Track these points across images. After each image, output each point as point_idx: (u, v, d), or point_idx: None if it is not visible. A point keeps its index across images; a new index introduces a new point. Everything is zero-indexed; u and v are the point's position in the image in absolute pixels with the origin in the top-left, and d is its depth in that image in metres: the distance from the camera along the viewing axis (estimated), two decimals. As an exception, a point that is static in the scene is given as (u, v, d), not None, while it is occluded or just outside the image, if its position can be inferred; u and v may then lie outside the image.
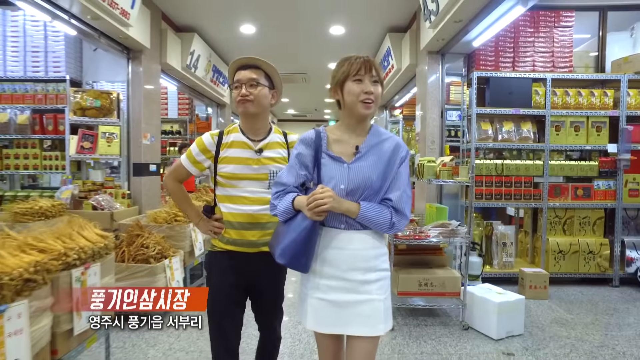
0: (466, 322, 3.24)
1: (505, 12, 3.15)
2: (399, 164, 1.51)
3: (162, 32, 5.07)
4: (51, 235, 2.01)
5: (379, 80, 1.49)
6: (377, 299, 1.47)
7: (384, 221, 1.44)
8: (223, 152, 1.75)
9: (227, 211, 1.75)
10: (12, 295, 1.56)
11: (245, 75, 1.71)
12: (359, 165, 1.48)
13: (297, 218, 1.46)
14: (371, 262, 1.48)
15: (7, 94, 4.43)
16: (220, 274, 1.77)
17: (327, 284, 1.48)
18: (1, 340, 1.49)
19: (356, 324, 1.46)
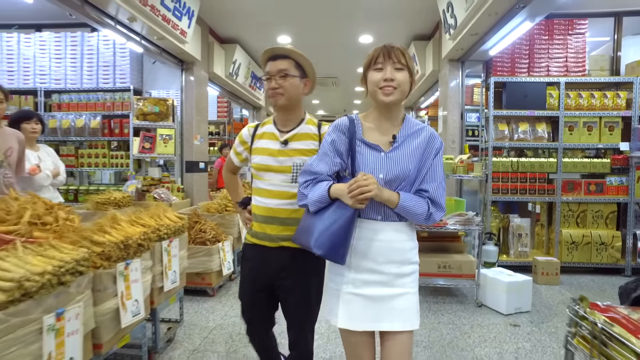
0: (480, 300, 3.68)
1: (515, 26, 3.56)
2: (434, 154, 1.46)
3: (209, 45, 5.72)
4: (147, 215, 2.63)
5: (404, 66, 1.41)
6: (411, 292, 1.45)
7: (422, 212, 1.40)
8: (255, 143, 1.76)
9: (255, 203, 1.76)
10: (132, 254, 2.17)
11: (274, 66, 1.65)
12: (396, 155, 1.43)
13: (332, 207, 1.40)
14: (406, 255, 1.45)
15: (82, 102, 5.18)
16: (246, 267, 1.80)
17: (361, 278, 1.43)
18: (128, 284, 2.10)
19: (392, 319, 1.41)
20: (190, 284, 3.69)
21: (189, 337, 3.00)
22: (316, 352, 2.74)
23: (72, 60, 5.16)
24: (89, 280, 1.81)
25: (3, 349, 1.34)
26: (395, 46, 1.44)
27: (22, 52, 5.15)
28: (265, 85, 1.70)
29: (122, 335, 2.13)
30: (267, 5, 4.96)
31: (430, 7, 4.75)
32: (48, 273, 1.52)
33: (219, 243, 3.96)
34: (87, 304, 1.79)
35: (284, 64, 1.66)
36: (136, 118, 5.07)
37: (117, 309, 2.03)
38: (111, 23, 3.68)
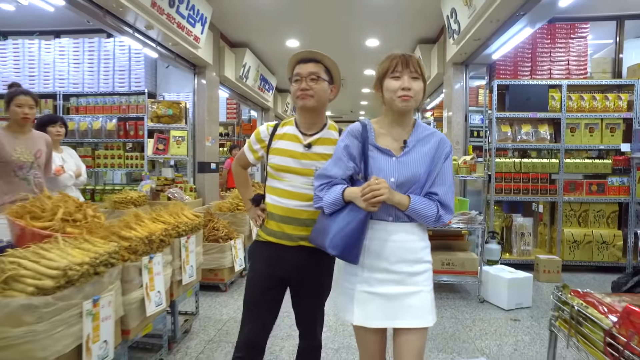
0: (482, 296, 3.82)
1: (516, 32, 3.69)
2: (444, 158, 1.51)
3: (220, 49, 5.91)
4: (166, 213, 2.81)
5: (419, 76, 1.47)
6: (425, 290, 1.48)
7: (431, 214, 1.45)
8: (274, 143, 1.76)
9: (271, 202, 1.76)
10: (155, 249, 2.35)
11: (306, 69, 1.67)
12: (407, 159, 1.49)
13: (346, 209, 1.46)
14: (418, 254, 1.49)
15: (99, 105, 5.40)
16: (259, 263, 1.78)
17: (375, 277, 1.48)
18: (152, 277, 2.28)
19: (406, 316, 1.45)
20: (204, 280, 3.87)
21: (204, 329, 3.17)
22: (325, 343, 2.89)
23: (90, 65, 5.37)
24: (118, 272, 1.99)
25: (52, 328, 1.52)
26: (413, 56, 1.49)
27: (43, 58, 5.37)
28: (293, 86, 1.71)
29: (146, 323, 2.31)
30: (276, 10, 5.13)
31: (435, 12, 4.89)
32: (86, 264, 1.70)
33: (231, 241, 4.14)
34: (117, 293, 1.97)
35: (315, 67, 1.68)
36: (150, 120, 5.26)
37: (143, 299, 2.21)
38: (129, 31, 3.87)
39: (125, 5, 3.35)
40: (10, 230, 2.21)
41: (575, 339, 1.20)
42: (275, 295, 1.76)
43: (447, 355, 2.75)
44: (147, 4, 3.53)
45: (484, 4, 3.39)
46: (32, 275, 1.53)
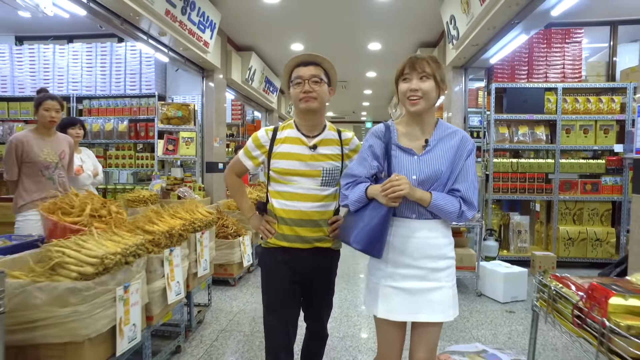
0: (479, 290, 4.00)
1: (512, 38, 3.87)
2: (466, 156, 1.54)
3: (228, 53, 6.10)
4: (182, 209, 3.01)
5: (429, 75, 1.49)
6: (447, 285, 1.53)
7: (454, 210, 1.48)
8: (277, 148, 1.75)
9: (280, 207, 1.74)
10: (174, 242, 2.54)
11: (307, 72, 1.69)
12: (429, 157, 1.52)
13: (370, 206, 1.52)
14: (441, 250, 1.53)
15: (111, 107, 5.60)
16: (276, 270, 1.78)
17: (399, 272, 1.53)
18: (172, 268, 2.47)
19: (428, 311, 1.51)
20: (215, 275, 4.06)
21: (217, 319, 3.37)
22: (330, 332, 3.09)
23: (102, 68, 5.58)
24: (144, 262, 2.19)
25: (92, 309, 1.72)
26: (421, 57, 1.53)
27: (57, 62, 5.58)
28: (295, 89, 1.71)
29: (167, 311, 2.51)
30: (281, 15, 5.32)
31: (435, 17, 5.07)
32: (118, 253, 1.89)
33: (239, 237, 4.33)
34: (143, 282, 2.16)
35: (316, 70, 1.70)
36: (160, 122, 5.45)
37: (164, 288, 2.40)
38: (143, 37, 4.07)
39: (141, 13, 3.55)
40: (43, 224, 2.41)
41: (552, 315, 1.39)
42: (296, 299, 1.82)
43: (445, 342, 2.94)
44: (161, 12, 3.73)
45: (481, 13, 3.57)
46: (75, 263, 1.73)
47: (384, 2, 4.85)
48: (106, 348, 1.87)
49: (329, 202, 1.77)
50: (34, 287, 1.65)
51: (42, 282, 1.68)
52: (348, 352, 2.80)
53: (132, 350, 2.06)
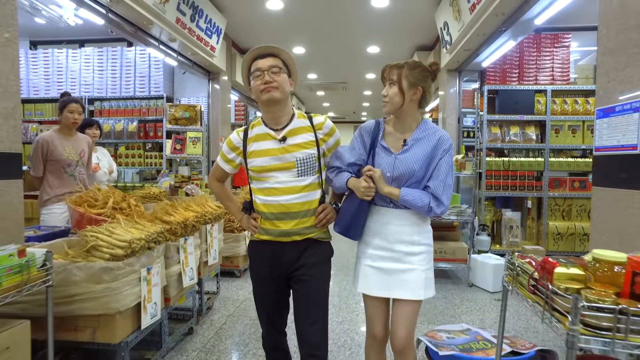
0: (470, 281, 4.25)
1: (501, 44, 4.12)
2: (441, 155, 1.66)
3: (232, 56, 6.37)
4: (194, 203, 3.27)
5: (394, 81, 1.66)
6: (419, 268, 1.69)
7: (422, 205, 1.62)
8: (249, 147, 1.76)
9: (261, 203, 1.75)
10: (188, 232, 2.80)
11: (265, 63, 1.67)
12: (404, 157, 1.67)
13: (350, 197, 1.75)
14: (414, 237, 1.70)
15: (121, 109, 5.86)
16: (259, 263, 1.81)
17: (377, 253, 1.73)
18: (187, 255, 2.73)
19: (399, 289, 1.68)
20: (221, 266, 4.32)
21: (224, 306, 3.63)
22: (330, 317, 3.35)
23: (113, 72, 5.84)
24: (163, 248, 2.45)
25: (122, 286, 1.97)
26: (391, 64, 1.70)
27: (70, 66, 5.84)
28: (255, 82, 1.68)
29: (182, 294, 2.77)
30: (283, 20, 5.57)
31: (431, 23, 5.32)
32: (143, 239, 2.15)
33: (244, 231, 4.59)
34: (162, 266, 2.42)
35: (274, 60, 1.69)
36: (169, 122, 5.71)
37: (180, 273, 2.66)
38: (155, 43, 4.33)
39: (154, 21, 3.81)
40: (71, 215, 2.68)
41: (516, 288, 1.64)
42: (280, 291, 1.81)
43: (435, 325, 3.19)
44: (172, 20, 3.99)
45: (471, 21, 3.83)
46: (107, 246, 1.99)
47: (382, 9, 5.11)
48: (133, 322, 2.13)
49: (311, 192, 1.74)
50: (73, 266, 1.91)
51: (80, 262, 1.94)
52: (346, 334, 3.06)
53: (153, 326, 2.32)
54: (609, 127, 1.90)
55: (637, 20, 1.76)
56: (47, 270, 1.71)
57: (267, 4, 4.95)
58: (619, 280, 1.29)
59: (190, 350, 2.75)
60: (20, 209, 2.29)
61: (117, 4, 3.30)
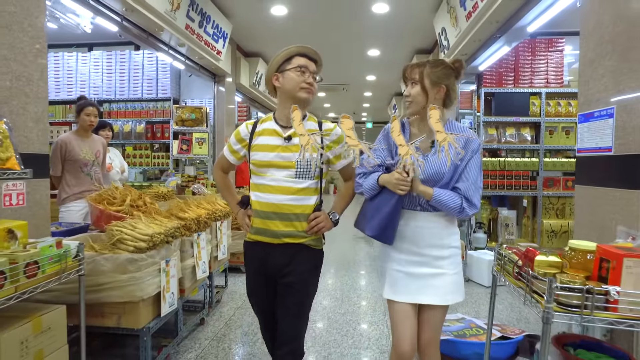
0: (467, 276, 4.44)
1: (496, 49, 4.30)
2: (470, 156, 1.62)
3: (237, 60, 6.55)
4: (204, 201, 3.45)
5: (416, 81, 1.62)
6: (448, 273, 1.64)
7: (455, 206, 1.57)
8: (255, 140, 1.76)
9: (255, 199, 1.73)
10: (201, 228, 2.99)
11: (312, 66, 1.74)
12: (434, 158, 1.61)
13: (381, 195, 1.63)
14: (444, 240, 1.64)
15: (129, 110, 6.05)
16: (250, 263, 1.82)
17: (405, 258, 1.66)
18: (199, 250, 2.92)
19: (428, 294, 1.62)
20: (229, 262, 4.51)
21: (232, 299, 3.81)
22: (333, 309, 3.55)
23: (121, 74, 6.03)
24: (179, 243, 2.63)
25: (144, 277, 2.16)
26: (412, 64, 1.65)
27: (79, 69, 6.03)
28: (298, 76, 1.69)
29: (195, 286, 2.95)
30: (286, 24, 5.75)
31: (429, 27, 5.50)
32: (162, 234, 2.34)
33: (250, 229, 4.77)
34: (178, 259, 2.61)
35: (317, 68, 1.77)
36: (175, 124, 5.90)
37: (194, 266, 2.85)
38: (164, 48, 4.51)
39: (165, 28, 3.99)
40: (91, 212, 2.86)
41: (504, 276, 1.83)
42: (271, 289, 1.78)
43: (433, 317, 3.38)
44: (182, 26, 4.17)
45: (467, 27, 4.01)
46: (131, 239, 2.18)
47: (382, 14, 5.29)
48: (154, 309, 2.32)
49: (306, 196, 1.70)
50: (101, 258, 2.10)
51: (107, 254, 2.12)
52: (349, 324, 3.24)
53: (171, 314, 2.51)
54: (589, 131, 2.08)
55: (610, 36, 1.95)
56: (80, 261, 1.90)
57: (272, 9, 5.14)
58: (590, 266, 1.48)
59: (202, 339, 2.94)
60: (47, 206, 2.49)
61: (132, 12, 3.48)
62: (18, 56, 2.21)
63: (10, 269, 1.49)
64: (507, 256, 1.82)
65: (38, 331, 1.69)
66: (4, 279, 1.47)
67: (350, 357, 2.69)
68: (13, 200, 2.21)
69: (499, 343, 2.24)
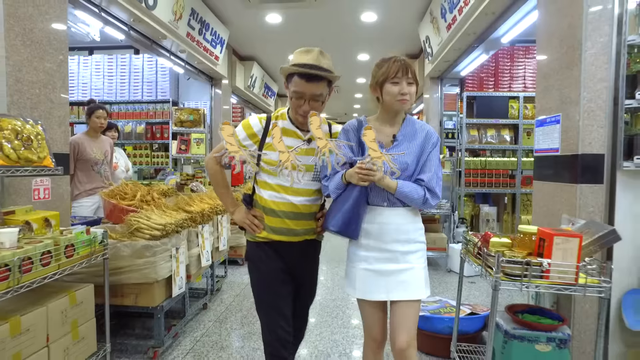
0: (449, 267, 4.79)
1: (475, 57, 4.67)
2: (430, 149, 1.66)
3: (233, 63, 6.84)
4: (206, 197, 3.75)
5: (414, 81, 1.62)
6: (417, 267, 1.64)
7: (418, 197, 1.59)
8: (270, 138, 1.69)
9: (270, 199, 1.71)
10: (205, 220, 3.29)
11: (310, 89, 1.63)
12: (396, 151, 1.64)
13: (346, 190, 1.62)
14: (410, 235, 1.64)
15: (129, 112, 6.31)
16: (265, 263, 1.75)
17: (372, 255, 1.64)
18: (204, 240, 3.22)
19: (399, 290, 1.61)
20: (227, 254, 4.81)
21: (231, 288, 4.12)
22: (324, 296, 3.87)
23: (122, 77, 6.29)
24: (186, 233, 2.93)
25: (158, 261, 2.46)
26: (410, 63, 1.63)
27: (81, 72, 6.28)
28: (294, 101, 1.67)
29: (199, 273, 3.25)
30: (280, 29, 6.05)
31: (415, 34, 5.85)
32: (173, 224, 2.64)
33: (247, 224, 5.07)
34: (185, 248, 2.91)
35: (320, 88, 1.65)
36: (174, 125, 6.18)
37: (199, 254, 3.15)
38: (166, 54, 4.80)
39: (168, 36, 4.28)
40: (104, 206, 3.15)
41: (468, 256, 2.17)
42: (289, 291, 1.78)
43: (415, 302, 3.72)
44: (183, 34, 4.46)
45: (448, 37, 4.36)
46: (147, 228, 2.48)
47: (371, 22, 5.63)
48: (166, 291, 2.62)
49: (319, 196, 1.79)
50: (121, 244, 2.40)
51: (126, 241, 2.43)
52: (339, 308, 3.57)
53: (180, 295, 2.81)
54: (543, 134, 2.43)
55: (558, 54, 2.30)
56: (105, 246, 2.20)
57: (267, 17, 5.44)
58: (533, 245, 1.83)
59: (206, 321, 3.24)
60: (68, 200, 2.79)
61: (139, 22, 3.77)
62: (45, 66, 2.50)
63: (55, 249, 1.79)
64: (470, 240, 2.17)
65: (74, 304, 1.99)
66: (50, 257, 1.77)
67: (340, 334, 3.01)
68: (41, 194, 2.50)
69: (468, 318, 2.57)
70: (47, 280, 1.73)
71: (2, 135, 1.83)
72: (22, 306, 1.76)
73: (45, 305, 1.81)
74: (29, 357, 1.69)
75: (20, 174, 1.91)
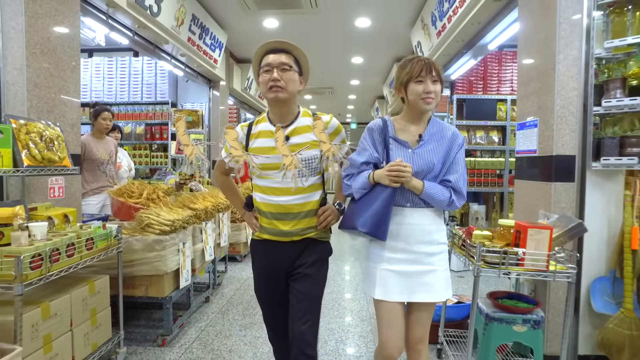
0: (439, 262, 5.00)
1: (464, 62, 4.88)
2: (457, 150, 1.64)
3: (230, 66, 7.01)
4: (209, 195, 3.93)
5: (439, 80, 1.60)
6: (440, 269, 1.63)
7: (444, 199, 1.58)
8: (252, 143, 1.72)
9: (260, 201, 1.73)
10: (208, 217, 3.47)
11: (276, 59, 1.64)
12: (422, 151, 1.62)
13: (373, 191, 1.60)
14: (433, 236, 1.63)
15: (129, 113, 6.45)
16: (260, 261, 1.80)
17: (395, 256, 1.62)
18: (207, 236, 3.40)
19: (421, 292, 1.60)
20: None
21: (231, 283, 4.30)
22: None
23: (122, 79, 6.43)
24: (192, 229, 3.11)
25: (167, 255, 2.64)
26: (434, 62, 1.61)
27: (81, 74, 6.40)
28: (263, 77, 1.65)
29: (203, 267, 3.43)
30: (276, 33, 6.24)
31: (407, 39, 6.06)
32: (180, 220, 2.82)
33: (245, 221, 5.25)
34: (190, 243, 3.09)
35: (287, 57, 1.67)
36: (173, 125, 6.33)
37: (203, 249, 3.33)
38: (167, 57, 4.96)
39: (170, 41, 4.45)
40: (112, 204, 3.32)
41: (454, 249, 2.37)
42: (281, 290, 1.77)
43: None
44: (185, 39, 4.63)
45: (438, 43, 4.57)
46: (157, 224, 2.66)
47: (364, 27, 5.83)
48: (174, 283, 2.80)
49: (312, 192, 1.71)
50: (133, 239, 2.57)
51: (138, 236, 2.60)
52: (334, 300, 3.76)
53: (187, 287, 2.99)
54: (523, 136, 2.65)
55: (535, 64, 2.51)
56: (119, 240, 2.37)
57: (264, 22, 5.62)
58: (511, 237, 2.04)
59: (209, 313, 3.42)
60: (79, 198, 2.96)
61: (143, 29, 3.93)
62: (60, 72, 2.67)
63: (78, 242, 1.97)
64: (455, 233, 2.37)
65: (93, 293, 2.17)
66: (74, 249, 1.94)
67: (336, 324, 3.21)
68: (56, 192, 2.67)
69: (455, 306, 2.78)
70: (72, 270, 1.91)
71: (30, 137, 2.01)
72: (48, 294, 1.94)
73: (70, 293, 1.99)
74: (57, 339, 1.87)
75: (44, 173, 2.09)
